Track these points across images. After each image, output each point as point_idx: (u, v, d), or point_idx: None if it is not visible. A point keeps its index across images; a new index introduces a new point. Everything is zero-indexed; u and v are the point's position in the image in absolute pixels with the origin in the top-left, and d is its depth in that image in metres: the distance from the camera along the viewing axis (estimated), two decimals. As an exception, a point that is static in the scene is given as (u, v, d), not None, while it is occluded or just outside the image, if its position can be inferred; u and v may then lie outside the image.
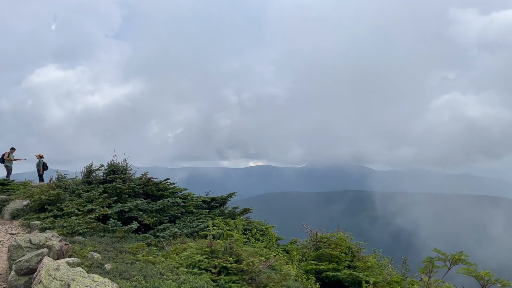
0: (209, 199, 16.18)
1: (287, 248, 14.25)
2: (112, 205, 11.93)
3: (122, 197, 12.46)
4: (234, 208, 17.26)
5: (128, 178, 13.33)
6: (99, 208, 11.00)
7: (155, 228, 11.64)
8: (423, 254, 11.48)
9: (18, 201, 13.25)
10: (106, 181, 13.26)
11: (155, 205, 12.51)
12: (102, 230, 10.08)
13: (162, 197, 14.28)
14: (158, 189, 14.22)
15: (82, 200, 11.59)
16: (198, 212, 14.73)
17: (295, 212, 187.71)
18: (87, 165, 13.54)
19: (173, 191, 14.80)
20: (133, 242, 9.98)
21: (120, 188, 12.37)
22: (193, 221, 13.48)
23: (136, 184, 13.04)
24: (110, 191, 12.33)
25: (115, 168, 13.38)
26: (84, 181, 13.30)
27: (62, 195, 12.02)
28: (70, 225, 9.73)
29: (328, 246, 12.71)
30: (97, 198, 11.75)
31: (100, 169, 13.55)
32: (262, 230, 15.54)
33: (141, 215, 11.70)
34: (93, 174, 13.58)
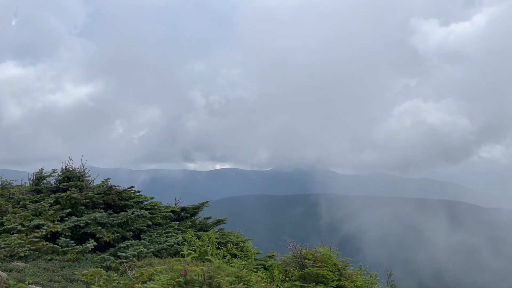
0: (179, 209, 14.57)
1: (266, 264, 12.90)
2: (64, 219, 10.15)
3: (77, 208, 10.68)
4: (206, 218, 15.74)
5: (85, 186, 11.54)
6: (47, 224, 9.20)
7: (117, 246, 9.96)
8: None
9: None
10: (59, 189, 11.41)
11: (117, 218, 10.80)
12: (50, 252, 8.33)
13: (125, 208, 12.56)
14: (120, 198, 12.48)
15: (27, 213, 9.74)
16: (166, 224, 13.12)
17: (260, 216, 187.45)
18: (37, 171, 11.62)
19: (138, 200, 13.10)
20: (88, 266, 8.30)
21: (76, 198, 10.59)
22: (160, 235, 11.87)
23: (95, 193, 11.27)
24: (63, 202, 10.53)
25: (71, 174, 11.55)
26: (32, 189, 11.37)
27: (3, 207, 10.12)
28: (9, 246, 7.93)
29: (314, 263, 11.46)
30: (47, 211, 9.94)
31: (53, 175, 11.67)
32: (238, 243, 14.13)
33: (100, 230, 9.98)
34: (43, 181, 11.68)
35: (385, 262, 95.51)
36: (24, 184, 12.89)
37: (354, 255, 16.83)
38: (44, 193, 11.21)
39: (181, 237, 12.04)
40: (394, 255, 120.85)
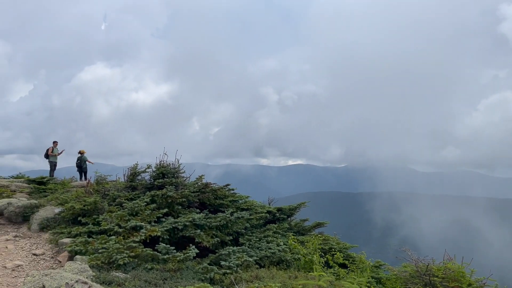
0: (275, 209, 13.22)
1: (382, 279, 11.03)
2: (161, 220, 9.22)
3: (173, 208, 9.73)
4: (302, 220, 14.23)
5: (180, 184, 10.60)
6: (146, 226, 8.27)
7: (217, 253, 8.80)
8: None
9: (49, 207, 10.86)
10: (153, 186, 10.60)
11: (215, 219, 9.66)
12: (150, 259, 7.33)
13: (220, 207, 11.48)
14: (216, 197, 11.42)
15: (124, 213, 8.93)
16: (264, 226, 11.84)
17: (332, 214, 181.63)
18: (131, 166, 10.92)
19: (233, 199, 11.96)
20: (191, 277, 7.18)
21: (172, 197, 9.64)
22: (260, 239, 10.57)
23: (191, 192, 10.27)
24: (159, 201, 9.63)
25: (165, 171, 10.67)
26: (127, 186, 10.67)
27: (99, 204, 9.46)
28: (107, 250, 7.05)
29: (445, 283, 9.37)
30: (143, 210, 9.07)
31: (147, 171, 10.89)
32: (341, 250, 12.43)
33: (199, 234, 8.87)
34: (138, 177, 10.95)
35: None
36: (118, 179, 12.37)
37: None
38: (139, 190, 10.46)
39: (282, 242, 10.66)
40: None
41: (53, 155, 21.89)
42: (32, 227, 10.15)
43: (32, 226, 10.20)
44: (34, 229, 10.08)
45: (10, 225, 10.83)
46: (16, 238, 9.67)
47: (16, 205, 10.87)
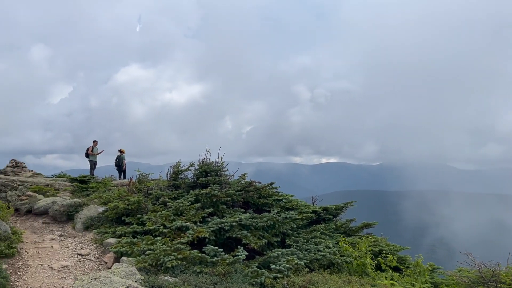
0: (320, 209, 12.60)
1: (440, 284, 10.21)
2: (206, 220, 8.86)
3: (218, 207, 9.35)
4: (349, 220, 13.52)
5: (224, 182, 10.21)
6: (192, 227, 7.90)
7: (265, 255, 8.33)
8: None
9: (93, 206, 10.76)
10: (196, 185, 10.27)
11: (261, 219, 9.20)
12: (198, 262, 6.94)
13: (264, 207, 11.02)
14: (259, 196, 10.97)
15: (168, 212, 8.62)
16: (310, 227, 11.29)
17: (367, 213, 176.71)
18: (174, 164, 10.64)
19: (277, 198, 11.47)
20: (240, 281, 6.73)
21: (217, 196, 9.26)
22: (307, 241, 10.03)
23: (235, 191, 9.86)
24: (204, 200, 9.26)
25: (208, 169, 10.32)
26: (170, 185, 10.39)
27: (143, 204, 9.21)
28: (154, 254, 6.72)
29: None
30: (188, 210, 8.73)
31: (190, 169, 10.57)
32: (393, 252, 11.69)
33: (246, 235, 8.43)
34: (180, 175, 10.65)
35: None
36: (160, 177, 12.16)
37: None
38: (182, 188, 10.15)
39: (331, 244, 10.08)
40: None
41: (93, 154, 22.23)
42: (77, 226, 10.06)
43: (76, 225, 10.11)
44: (78, 228, 9.98)
45: (55, 224, 10.82)
46: (61, 237, 9.58)
47: (60, 204, 10.85)
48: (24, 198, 11.84)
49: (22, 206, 11.59)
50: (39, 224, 10.88)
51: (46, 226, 10.72)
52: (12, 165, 29.28)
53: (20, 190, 12.30)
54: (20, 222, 11.21)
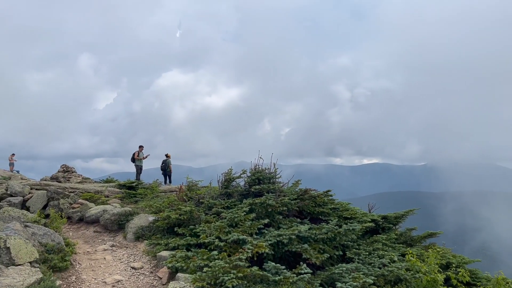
0: (379, 217, 11.72)
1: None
2: (262, 231, 8.29)
3: (274, 218, 8.77)
4: (409, 229, 12.52)
5: (278, 190, 9.62)
6: (249, 239, 7.35)
7: (327, 270, 7.64)
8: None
9: (143, 215, 10.50)
10: (249, 193, 9.75)
11: (320, 231, 8.50)
12: (259, 281, 6.38)
13: (320, 216, 10.32)
14: (315, 204, 10.28)
15: (223, 224, 8.13)
16: (370, 237, 10.47)
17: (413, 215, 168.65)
18: (226, 171, 10.16)
19: (334, 207, 10.73)
20: (307, 303, 6.10)
21: (272, 206, 8.67)
22: (369, 253, 9.23)
23: (290, 199, 9.23)
24: (259, 210, 8.71)
25: (261, 176, 9.76)
26: (222, 193, 9.92)
27: (195, 213, 8.78)
28: (211, 271, 6.22)
29: None
30: (243, 221, 8.21)
31: (242, 176, 10.06)
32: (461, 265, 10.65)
33: (306, 249, 7.78)
34: (232, 183, 10.17)
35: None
36: (209, 185, 11.75)
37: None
38: (234, 197, 9.66)
39: (396, 257, 9.22)
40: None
41: (139, 159, 22.41)
42: (128, 236, 9.81)
43: (127, 235, 9.86)
44: (129, 238, 9.73)
45: (106, 233, 10.66)
46: (113, 247, 9.36)
47: (111, 213, 10.68)
48: (76, 206, 11.82)
49: (74, 215, 11.56)
50: (91, 233, 10.77)
51: (98, 235, 10.58)
52: (63, 170, 30.24)
53: (72, 198, 12.31)
54: (73, 230, 11.17)
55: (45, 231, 7.93)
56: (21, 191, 13.27)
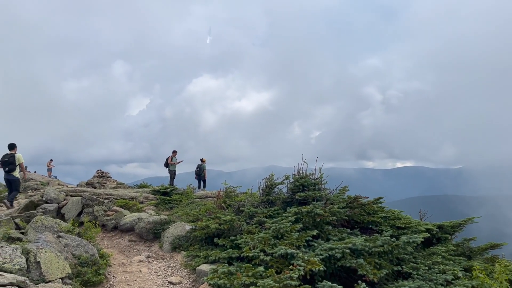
0: (434, 226, 10.65)
1: None
2: (310, 243, 7.50)
3: (323, 228, 7.95)
4: (466, 240, 11.35)
5: (324, 197, 8.79)
6: (298, 254, 6.58)
7: (386, 289, 6.77)
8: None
9: (180, 224, 9.92)
10: (293, 201, 8.97)
11: (374, 243, 7.62)
12: (314, 303, 5.60)
13: (370, 225, 9.41)
14: (364, 213, 9.38)
15: (267, 235, 7.39)
16: (423, 248, 9.46)
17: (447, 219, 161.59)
18: (267, 177, 9.43)
19: (385, 216, 9.78)
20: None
21: (320, 215, 7.86)
22: (429, 268, 8.23)
23: (340, 208, 8.39)
24: (305, 220, 7.91)
25: (306, 182, 8.97)
26: (263, 201, 9.18)
27: (236, 223, 8.09)
28: (260, 291, 5.49)
29: None
30: (290, 232, 7.44)
31: (284, 182, 9.30)
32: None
33: (361, 264, 6.93)
34: (274, 189, 9.42)
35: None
36: (248, 190, 11.05)
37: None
38: (277, 205, 8.90)
39: (459, 272, 8.17)
40: None
41: (173, 164, 22.19)
42: (164, 246, 9.24)
43: (163, 245, 9.29)
44: (166, 249, 9.16)
45: (141, 242, 10.15)
46: (149, 258, 8.80)
47: (146, 221, 10.17)
48: (110, 214, 11.42)
49: (109, 222, 11.14)
50: (126, 242, 10.29)
51: (133, 245, 10.09)
52: (98, 175, 30.51)
53: (106, 205, 11.94)
54: (107, 239, 10.75)
55: (79, 241, 7.45)
56: (56, 198, 13.05)
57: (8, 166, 12.55)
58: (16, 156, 12.62)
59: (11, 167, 12.55)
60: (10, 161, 12.52)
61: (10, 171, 12.60)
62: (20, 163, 12.74)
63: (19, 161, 12.67)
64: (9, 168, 12.56)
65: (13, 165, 12.55)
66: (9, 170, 12.60)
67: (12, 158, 12.54)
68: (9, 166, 12.54)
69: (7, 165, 12.54)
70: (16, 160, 12.60)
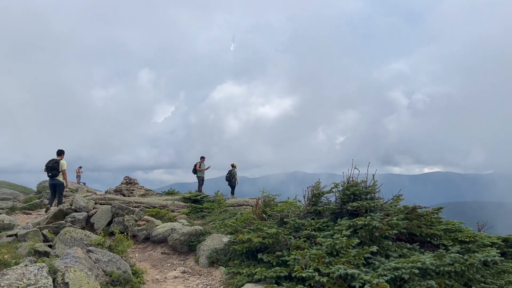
0: (499, 239, 9.47)
1: None
2: (369, 260, 6.56)
3: (381, 243, 6.99)
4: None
5: (379, 208, 7.82)
6: (361, 275, 5.65)
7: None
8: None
9: (216, 236, 9.13)
10: (342, 211, 8.04)
11: (441, 261, 6.61)
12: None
13: (429, 239, 8.35)
14: (422, 224, 8.34)
15: (320, 251, 6.49)
16: (494, 266, 8.30)
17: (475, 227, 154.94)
18: (313, 185, 8.53)
19: (446, 228, 8.70)
20: None
21: (379, 229, 6.91)
22: (503, 289, 7.13)
23: (398, 220, 7.40)
24: (362, 234, 6.98)
25: (357, 190, 8.01)
26: (309, 211, 8.26)
27: (282, 237, 7.23)
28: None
29: None
30: (346, 249, 6.52)
31: (333, 190, 8.37)
32: None
33: (432, 287, 5.95)
34: (321, 199, 8.50)
35: None
36: (287, 199, 10.16)
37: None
38: (325, 216, 7.98)
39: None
40: None
41: (201, 170, 21.64)
42: (200, 261, 8.46)
43: (200, 259, 8.52)
44: (202, 263, 8.37)
45: (175, 255, 9.41)
46: (185, 274, 8.03)
47: (180, 232, 9.43)
48: (141, 224, 10.75)
49: (140, 233, 10.48)
50: (158, 255, 9.58)
51: (166, 258, 9.36)
52: (126, 182, 30.23)
53: (137, 214, 11.30)
54: (139, 251, 10.07)
55: (110, 257, 6.75)
56: (85, 206, 12.53)
57: (51, 172, 13.12)
58: (60, 162, 13.22)
59: (54, 173, 13.13)
60: (54, 166, 13.11)
61: (53, 176, 13.17)
62: (63, 169, 13.30)
63: (62, 167, 13.24)
64: (52, 174, 13.13)
65: (56, 170, 13.14)
66: (52, 175, 13.16)
67: (56, 164, 13.14)
68: (52, 172, 13.11)
69: (51, 170, 13.12)
70: (60, 166, 13.18)
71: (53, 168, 13.13)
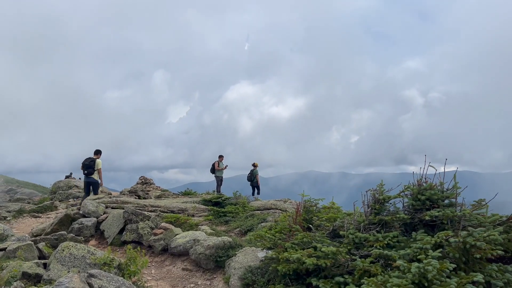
0: None
1: None
2: None
3: (482, 267, 5.19)
4: None
5: (462, 218, 6.00)
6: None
7: None
8: None
9: (249, 250, 7.43)
10: (414, 222, 6.24)
11: None
12: None
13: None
14: None
15: (405, 281, 4.72)
16: None
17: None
18: (374, 188, 6.74)
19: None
20: None
21: (479, 249, 5.11)
22: None
23: (497, 234, 5.58)
24: (454, 254, 5.18)
25: (434, 195, 6.20)
26: (372, 222, 6.46)
27: (343, 256, 5.47)
28: None
29: None
30: (438, 276, 4.74)
31: (401, 195, 6.56)
32: None
33: None
34: (386, 205, 6.69)
35: None
36: (331, 205, 8.36)
37: None
38: (394, 228, 6.18)
39: None
40: None
41: (220, 170, 20.09)
42: (232, 282, 6.75)
43: (231, 279, 6.81)
44: (234, 285, 6.67)
45: (199, 273, 7.73)
46: (213, 300, 6.37)
47: (205, 245, 7.74)
48: (158, 232, 9.11)
49: (157, 243, 8.85)
50: (179, 271, 7.92)
51: (188, 276, 7.69)
52: (142, 182, 28.79)
53: (153, 221, 9.69)
54: (155, 265, 8.43)
55: (118, 283, 5.10)
56: (95, 211, 10.99)
57: (87, 170, 13.58)
58: (96, 161, 13.69)
59: (90, 171, 13.59)
60: (90, 165, 13.57)
61: (88, 174, 13.62)
62: (98, 168, 13.76)
63: (98, 166, 13.70)
64: (88, 172, 13.58)
65: (92, 169, 13.59)
66: (87, 173, 13.61)
67: (92, 162, 13.60)
68: (88, 170, 13.58)
69: (87, 168, 13.58)
70: (96, 165, 13.64)
71: (89, 166, 13.56)
